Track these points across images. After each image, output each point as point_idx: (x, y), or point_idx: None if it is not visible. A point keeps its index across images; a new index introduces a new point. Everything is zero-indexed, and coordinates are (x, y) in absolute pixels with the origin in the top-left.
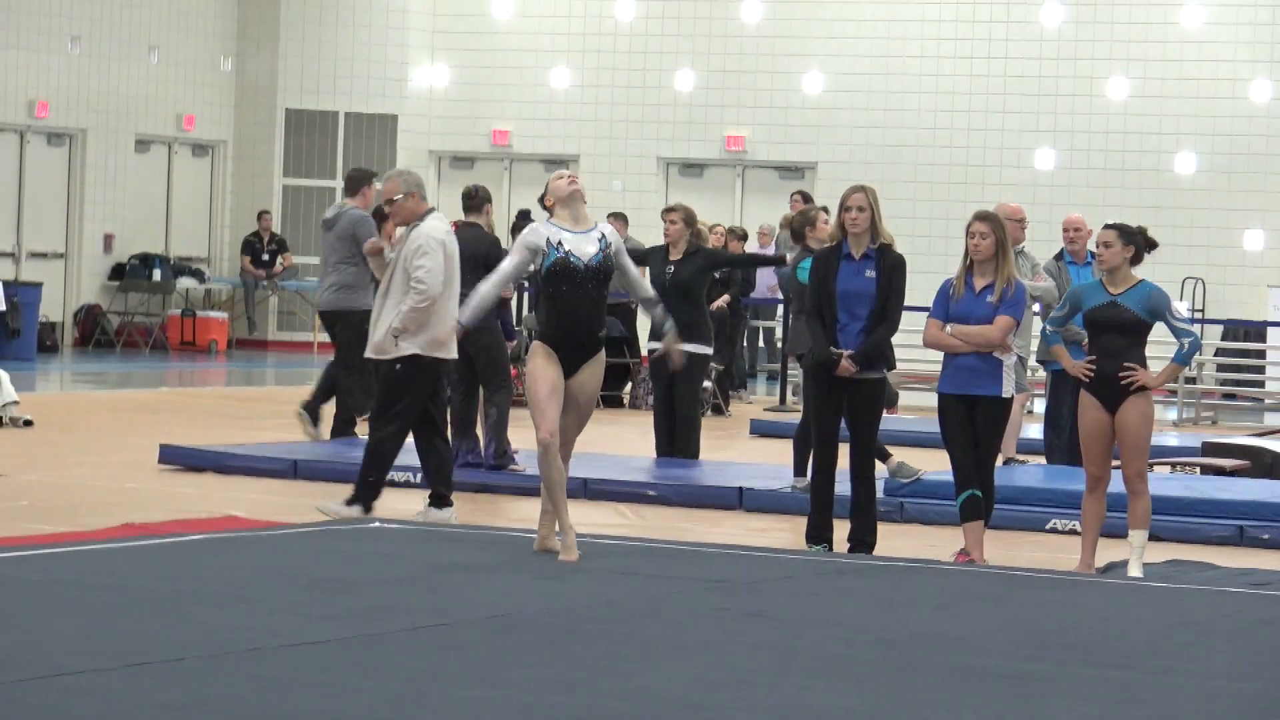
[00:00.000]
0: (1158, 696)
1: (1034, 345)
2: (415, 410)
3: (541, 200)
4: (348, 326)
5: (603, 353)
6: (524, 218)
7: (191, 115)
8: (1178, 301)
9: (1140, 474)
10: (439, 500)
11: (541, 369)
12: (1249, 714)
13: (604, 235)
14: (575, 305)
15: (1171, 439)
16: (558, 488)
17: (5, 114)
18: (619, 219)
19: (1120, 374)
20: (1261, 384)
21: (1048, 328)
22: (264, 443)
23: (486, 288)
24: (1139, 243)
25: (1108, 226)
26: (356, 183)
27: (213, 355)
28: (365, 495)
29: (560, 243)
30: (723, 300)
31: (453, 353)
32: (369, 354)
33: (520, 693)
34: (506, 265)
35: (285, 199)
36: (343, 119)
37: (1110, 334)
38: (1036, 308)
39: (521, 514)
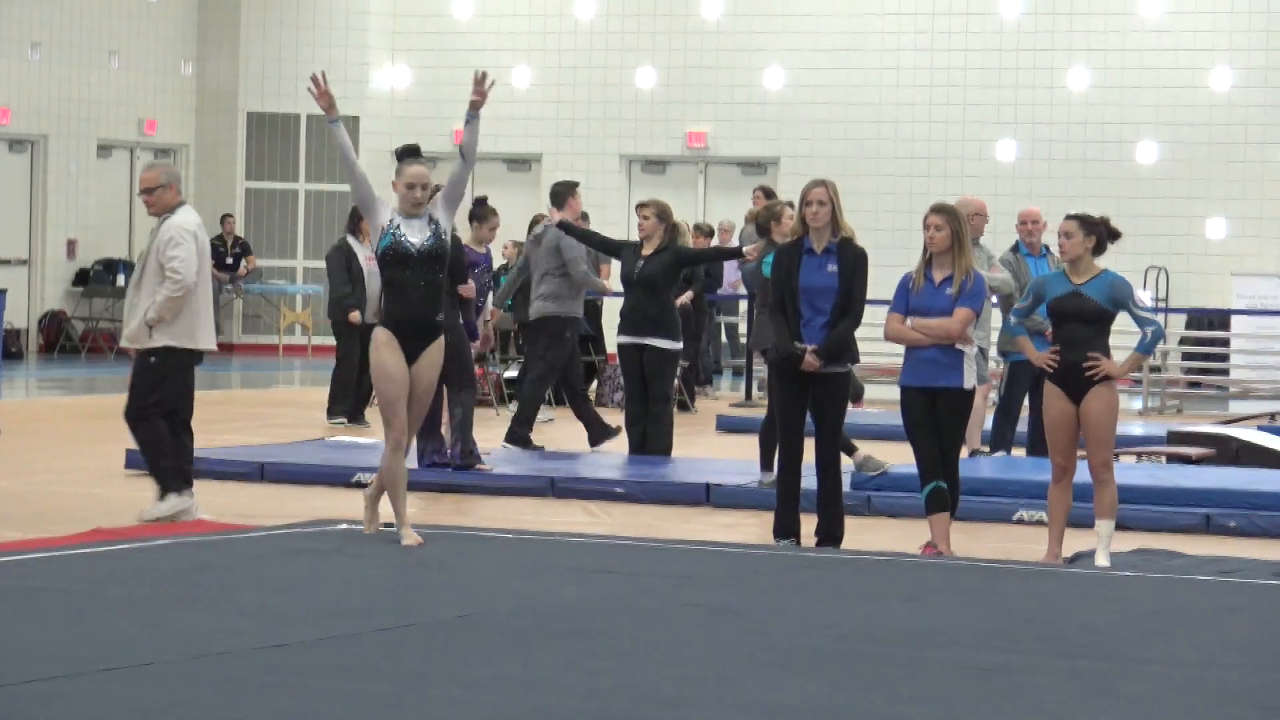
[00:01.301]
0: (1127, 686)
1: (994, 337)
2: (171, 401)
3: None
4: (552, 332)
5: (441, 340)
6: (480, 204)
7: (153, 120)
8: (1141, 291)
9: (1106, 464)
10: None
11: (391, 367)
12: (1218, 702)
13: (434, 220)
14: (409, 288)
15: (1137, 428)
16: (402, 485)
17: None
18: (583, 220)
19: (1084, 364)
20: (1226, 372)
21: (1012, 319)
22: (230, 446)
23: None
24: (1100, 233)
25: (1069, 217)
26: (561, 196)
27: None
28: (172, 481)
29: (398, 226)
30: (686, 296)
31: (211, 344)
32: (123, 343)
33: (492, 692)
34: (358, 164)
35: (248, 202)
36: (304, 121)
37: (1074, 324)
38: (994, 299)
39: (489, 514)
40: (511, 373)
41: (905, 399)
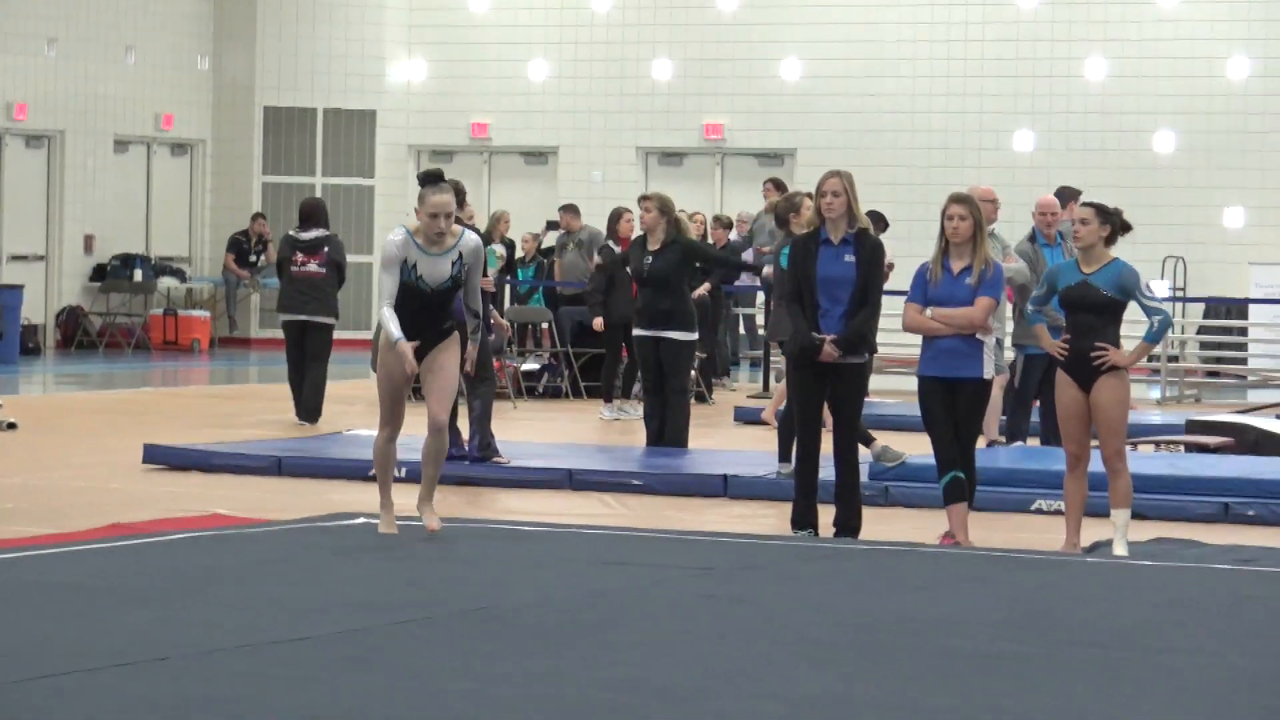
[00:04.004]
0: (1146, 675)
1: (1009, 327)
2: None
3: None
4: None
5: (455, 335)
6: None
7: (170, 115)
8: (1159, 280)
9: (1118, 453)
10: None
11: (393, 373)
12: (1237, 691)
13: (460, 256)
14: (421, 309)
15: (1155, 417)
16: (390, 476)
17: None
18: (570, 211)
19: (1092, 354)
20: (1244, 361)
21: (1029, 308)
22: (248, 440)
23: (386, 311)
24: (1115, 223)
25: (1085, 204)
26: (1064, 198)
27: (195, 354)
28: None
29: (415, 265)
30: (704, 288)
31: None
32: None
33: (509, 685)
34: (388, 284)
35: (265, 196)
36: (321, 115)
37: (1083, 313)
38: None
39: (506, 506)
40: (530, 365)
41: (923, 389)
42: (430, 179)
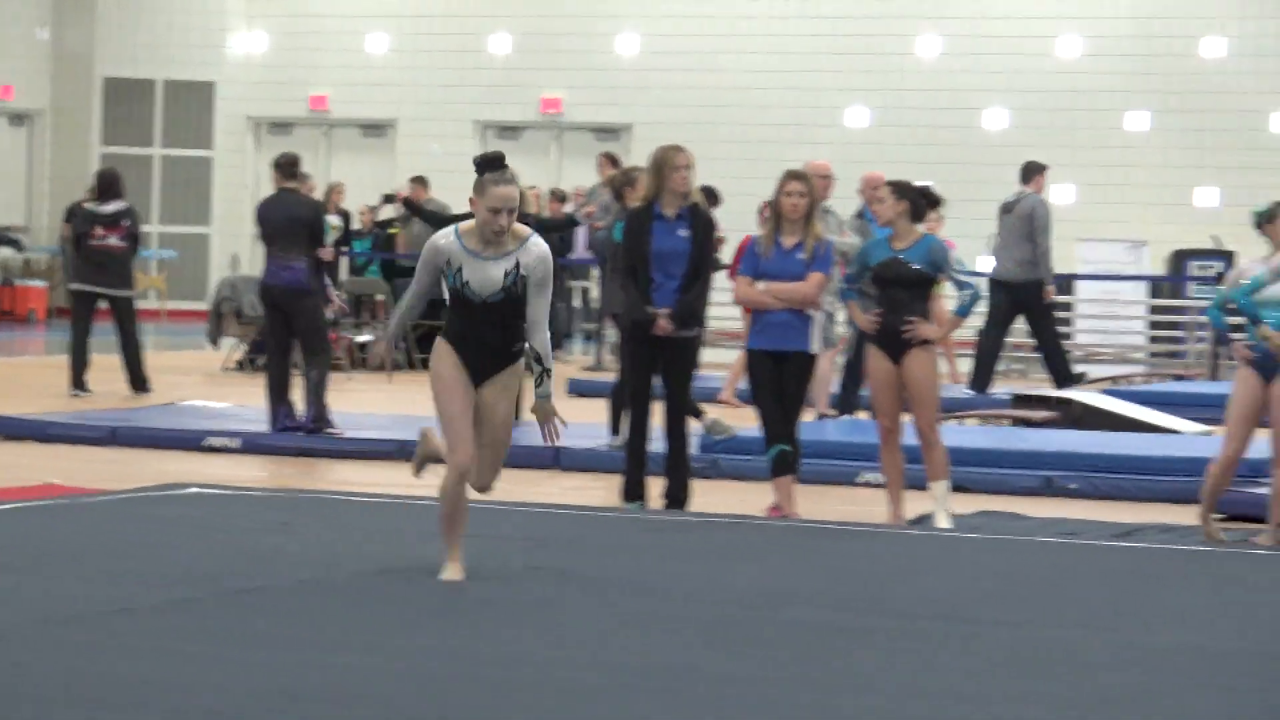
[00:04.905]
0: (968, 646)
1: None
2: None
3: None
4: (1030, 295)
5: (518, 365)
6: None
7: (9, 85)
8: (988, 255)
9: (930, 424)
10: None
11: (450, 380)
12: (1057, 662)
13: (518, 264)
14: (473, 323)
15: None
16: (458, 524)
17: None
18: (420, 183)
19: (902, 328)
20: (1069, 337)
21: (843, 285)
22: (83, 410)
23: (401, 313)
24: (913, 197)
25: (887, 182)
26: (1030, 172)
27: (32, 324)
28: None
29: (460, 269)
30: None
31: None
32: None
33: (338, 655)
34: (416, 284)
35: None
36: (160, 87)
37: (894, 288)
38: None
39: (339, 477)
40: (365, 337)
41: (753, 362)
42: (491, 164)
